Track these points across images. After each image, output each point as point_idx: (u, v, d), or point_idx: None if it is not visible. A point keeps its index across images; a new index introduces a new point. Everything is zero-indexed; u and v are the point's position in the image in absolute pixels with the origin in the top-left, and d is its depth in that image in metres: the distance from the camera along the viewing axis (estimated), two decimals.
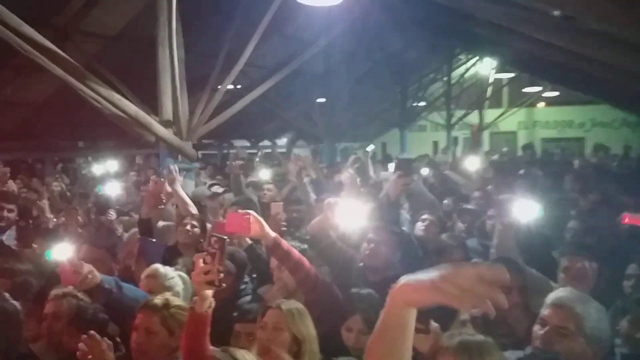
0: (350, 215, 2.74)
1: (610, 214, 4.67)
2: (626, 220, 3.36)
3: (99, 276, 2.46)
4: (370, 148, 12.56)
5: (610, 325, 1.89)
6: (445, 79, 15.39)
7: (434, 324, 1.81)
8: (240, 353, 1.86)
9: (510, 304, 2.23)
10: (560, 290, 2.05)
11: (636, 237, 3.58)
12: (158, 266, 3.00)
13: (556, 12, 3.54)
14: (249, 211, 2.45)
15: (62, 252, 2.49)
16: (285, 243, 2.54)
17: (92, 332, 2.14)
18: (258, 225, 2.42)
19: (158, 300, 2.34)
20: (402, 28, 9.43)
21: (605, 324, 1.84)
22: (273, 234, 2.49)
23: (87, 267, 2.43)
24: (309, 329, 2.23)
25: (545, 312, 1.88)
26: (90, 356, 2.06)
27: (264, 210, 4.05)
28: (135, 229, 4.02)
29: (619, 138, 15.77)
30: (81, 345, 2.07)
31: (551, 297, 1.93)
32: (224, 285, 1.97)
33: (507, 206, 2.98)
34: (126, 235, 4.44)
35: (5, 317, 1.67)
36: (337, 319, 2.49)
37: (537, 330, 1.87)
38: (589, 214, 4.61)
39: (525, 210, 2.92)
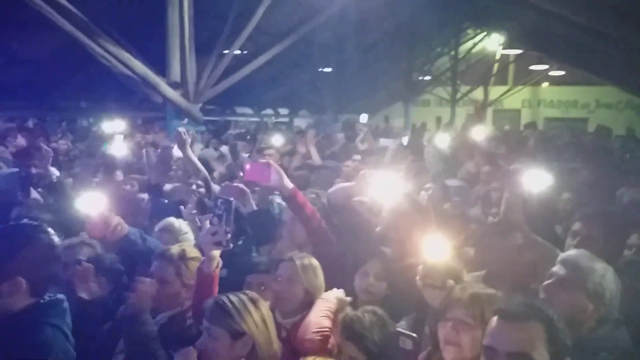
0: (384, 187, 2.73)
1: (610, 187, 4.77)
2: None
3: (126, 227, 2.52)
4: (365, 119, 12.58)
5: (616, 286, 1.95)
6: (452, 53, 15.23)
7: (450, 281, 1.85)
8: (229, 299, 1.90)
9: (505, 269, 2.34)
10: (572, 250, 2.13)
11: (635, 207, 3.67)
12: (173, 220, 3.05)
13: None
14: (269, 161, 2.49)
15: (91, 203, 2.51)
16: (301, 195, 2.59)
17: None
18: (277, 175, 2.47)
19: (175, 250, 2.39)
20: None
21: (609, 284, 1.90)
22: (291, 185, 2.53)
23: (117, 219, 2.48)
24: (320, 282, 2.29)
25: (554, 268, 1.97)
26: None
27: None
28: None
29: (623, 120, 15.75)
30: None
31: (562, 255, 2.01)
32: (231, 245, 2.02)
33: (517, 176, 3.02)
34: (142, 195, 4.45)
35: (42, 249, 1.73)
36: (344, 274, 2.55)
37: (544, 283, 1.96)
38: (587, 185, 4.68)
39: (536, 180, 2.96)
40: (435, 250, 1.87)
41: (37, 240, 1.71)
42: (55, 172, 5.12)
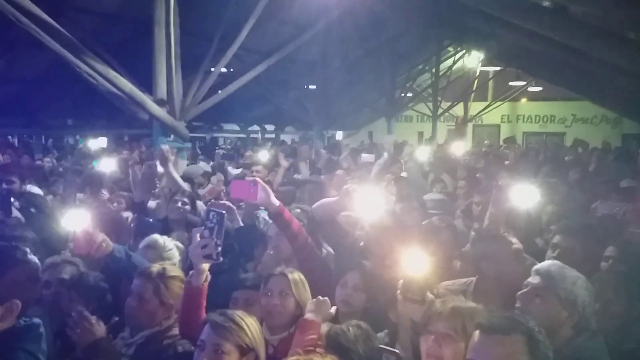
0: (368, 203, 2.75)
1: (586, 199, 4.93)
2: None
3: (111, 244, 2.51)
4: (340, 135, 12.77)
5: (589, 294, 2.04)
6: (433, 70, 15.56)
7: (429, 295, 1.91)
8: (238, 314, 1.93)
9: (501, 273, 2.41)
10: (546, 261, 2.24)
11: (609, 219, 3.81)
12: (157, 237, 3.05)
13: (547, 2, 3.66)
14: (256, 178, 2.53)
15: (75, 220, 2.53)
16: (287, 212, 2.62)
17: (79, 309, 2.20)
18: (264, 192, 2.47)
19: (155, 268, 2.38)
20: (395, 16, 9.52)
21: (581, 290, 1.99)
22: (277, 203, 2.55)
23: (101, 236, 2.48)
24: (308, 295, 2.32)
25: (529, 278, 2.07)
26: (78, 330, 2.13)
27: None
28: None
29: (599, 134, 16.19)
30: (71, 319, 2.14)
31: (536, 265, 2.13)
32: (221, 258, 2.02)
33: (503, 192, 3.12)
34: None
35: (29, 270, 1.75)
36: (328, 288, 2.57)
37: (519, 292, 2.05)
38: (565, 198, 4.83)
39: (524, 196, 3.06)
40: (415, 264, 1.92)
41: (23, 262, 1.72)
42: (37, 190, 5.13)
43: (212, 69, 6.63)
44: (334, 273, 2.77)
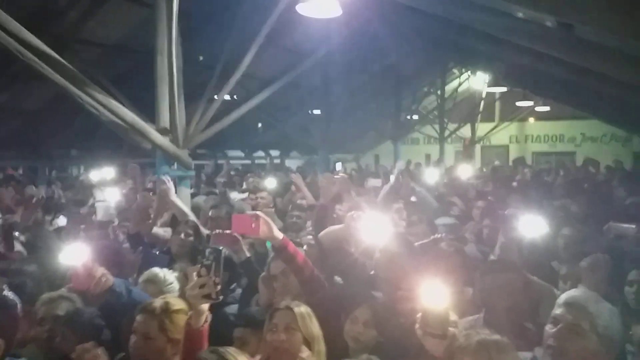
0: (375, 229, 2.68)
1: (599, 220, 4.78)
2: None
3: (111, 279, 2.43)
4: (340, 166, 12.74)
5: (623, 328, 1.88)
6: (438, 92, 15.55)
7: (451, 329, 1.78)
8: (230, 352, 1.82)
9: (512, 305, 2.28)
10: (572, 290, 2.04)
11: (623, 239, 3.66)
12: (157, 270, 2.97)
13: (550, 23, 3.60)
14: (257, 212, 2.44)
15: (74, 254, 2.44)
16: (292, 245, 2.52)
17: (87, 344, 2.10)
18: (267, 226, 2.39)
19: (157, 303, 2.29)
20: (398, 40, 9.54)
21: (617, 324, 1.82)
22: (281, 235, 2.47)
23: (101, 270, 2.40)
24: (317, 330, 2.22)
25: (557, 311, 1.87)
26: None
27: None
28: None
29: (609, 152, 15.99)
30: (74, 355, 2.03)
31: (563, 297, 1.91)
32: (220, 297, 1.92)
33: (512, 221, 3.03)
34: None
35: (4, 308, 1.65)
36: (337, 321, 2.48)
37: (549, 329, 1.85)
38: (579, 220, 4.69)
39: (531, 225, 2.97)
40: (434, 296, 1.80)
41: (5, 301, 1.64)
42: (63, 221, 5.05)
43: (215, 97, 6.60)
44: (343, 303, 2.66)
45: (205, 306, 1.94)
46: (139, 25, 6.83)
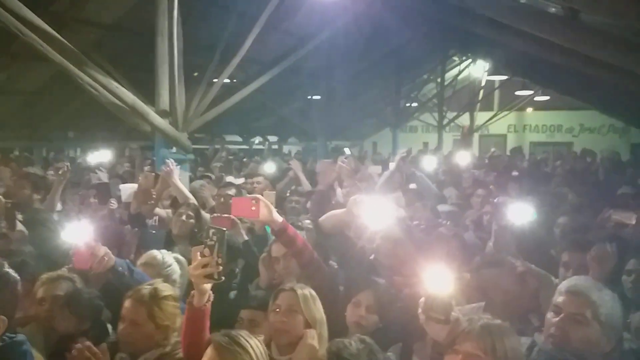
0: (376, 213, 2.66)
1: (596, 209, 4.80)
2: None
3: (113, 258, 2.43)
4: (348, 151, 12.75)
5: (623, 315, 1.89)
6: (438, 80, 15.48)
7: (454, 314, 1.79)
8: (242, 336, 1.83)
9: (508, 298, 2.30)
10: (574, 278, 2.04)
11: (621, 229, 3.69)
12: (155, 253, 2.93)
13: (555, 9, 3.57)
14: (257, 195, 2.44)
15: (77, 233, 2.43)
16: (291, 228, 2.53)
17: (87, 343, 2.08)
18: (267, 209, 2.39)
19: (146, 290, 2.26)
20: (400, 25, 9.46)
21: (618, 312, 1.83)
22: (281, 219, 2.47)
23: (103, 249, 2.39)
24: (320, 313, 2.22)
25: (559, 299, 1.86)
26: None
27: None
28: None
29: (607, 143, 16.01)
30: (74, 352, 2.03)
31: (565, 284, 1.90)
32: (222, 278, 1.90)
33: (502, 209, 3.06)
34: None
35: (5, 285, 1.65)
36: (338, 305, 2.50)
37: (551, 317, 1.85)
38: (576, 209, 4.72)
39: (520, 213, 3.01)
40: (438, 281, 1.81)
41: (6, 278, 1.64)
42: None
43: (215, 80, 6.57)
44: (342, 288, 2.67)
45: (208, 286, 1.93)
46: (139, 5, 6.75)
